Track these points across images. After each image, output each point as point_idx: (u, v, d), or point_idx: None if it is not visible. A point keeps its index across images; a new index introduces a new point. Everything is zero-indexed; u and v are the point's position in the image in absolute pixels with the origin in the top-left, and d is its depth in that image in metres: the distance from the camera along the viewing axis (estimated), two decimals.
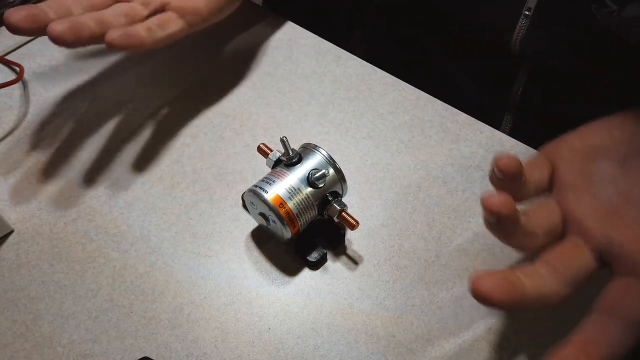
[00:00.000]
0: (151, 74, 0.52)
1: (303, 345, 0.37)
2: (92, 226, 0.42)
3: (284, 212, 0.37)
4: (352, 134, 0.48)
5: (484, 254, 0.41)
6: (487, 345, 0.37)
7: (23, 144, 0.47)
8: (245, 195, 0.39)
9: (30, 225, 0.42)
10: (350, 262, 0.41)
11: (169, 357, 0.36)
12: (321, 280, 0.40)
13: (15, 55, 0.54)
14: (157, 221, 0.43)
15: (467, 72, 0.58)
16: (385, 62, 0.54)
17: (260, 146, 0.42)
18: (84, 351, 0.36)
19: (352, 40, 0.68)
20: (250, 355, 0.36)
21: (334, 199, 0.39)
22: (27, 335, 0.37)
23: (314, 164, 0.39)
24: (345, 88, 0.51)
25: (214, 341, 0.37)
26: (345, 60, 0.53)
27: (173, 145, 0.47)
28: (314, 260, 0.40)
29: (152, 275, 0.40)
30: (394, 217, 0.43)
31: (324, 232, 0.41)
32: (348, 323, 0.38)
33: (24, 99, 0.50)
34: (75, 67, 0.53)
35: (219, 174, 0.45)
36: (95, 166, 0.46)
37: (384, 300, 0.39)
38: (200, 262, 0.41)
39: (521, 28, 0.47)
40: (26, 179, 0.45)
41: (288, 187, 0.38)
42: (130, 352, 0.36)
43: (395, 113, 0.49)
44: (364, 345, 0.37)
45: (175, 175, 0.45)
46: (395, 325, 0.38)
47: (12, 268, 0.40)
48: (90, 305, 0.38)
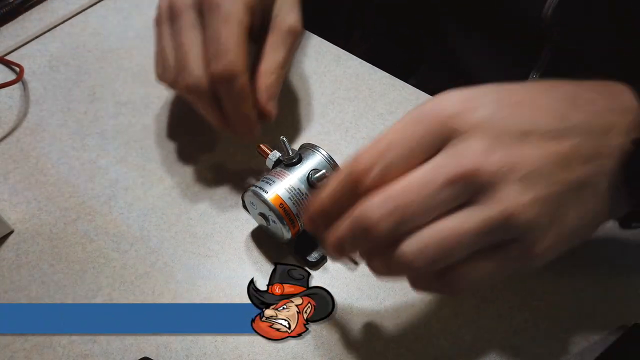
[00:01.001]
0: (151, 74, 0.52)
1: (303, 345, 0.37)
2: (92, 226, 0.42)
3: (284, 212, 0.37)
4: (352, 134, 0.48)
5: None
6: (487, 346, 0.37)
7: (23, 144, 0.47)
8: (246, 196, 0.39)
9: (30, 225, 0.42)
10: (350, 262, 0.41)
11: (169, 357, 0.36)
12: (321, 281, 0.40)
13: (15, 55, 0.54)
14: (157, 221, 0.43)
15: (484, 53, 0.55)
16: (385, 62, 0.54)
17: (260, 146, 0.42)
18: (84, 351, 0.36)
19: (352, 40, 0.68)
20: (250, 356, 0.36)
21: None
22: (27, 335, 0.37)
23: (314, 164, 0.39)
24: (345, 88, 0.51)
25: (213, 341, 0.37)
26: (345, 60, 0.53)
27: (173, 145, 0.47)
28: (314, 260, 0.40)
29: (152, 275, 0.40)
30: None
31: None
32: (348, 323, 0.38)
33: (24, 99, 0.50)
34: (75, 67, 0.53)
35: (219, 174, 0.45)
36: (95, 166, 0.46)
37: (384, 300, 0.39)
38: (200, 262, 0.41)
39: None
40: (26, 179, 0.45)
41: (288, 187, 0.38)
42: (130, 352, 0.36)
43: (395, 113, 0.49)
44: (364, 345, 0.37)
45: (175, 175, 0.45)
46: (395, 325, 0.38)
47: (12, 268, 0.40)
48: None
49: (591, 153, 0.28)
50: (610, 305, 0.39)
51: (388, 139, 0.28)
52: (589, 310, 0.38)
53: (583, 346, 0.37)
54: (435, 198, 0.27)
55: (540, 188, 0.27)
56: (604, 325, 0.38)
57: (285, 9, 0.40)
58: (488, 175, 0.26)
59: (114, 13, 0.57)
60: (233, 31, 0.37)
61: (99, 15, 0.57)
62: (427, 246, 0.27)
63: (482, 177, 0.26)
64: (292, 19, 0.40)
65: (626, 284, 0.39)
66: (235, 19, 0.37)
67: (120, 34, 0.55)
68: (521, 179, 0.27)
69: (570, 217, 0.28)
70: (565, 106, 0.29)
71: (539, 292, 0.39)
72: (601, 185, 0.29)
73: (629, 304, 0.39)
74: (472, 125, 0.27)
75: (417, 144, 0.27)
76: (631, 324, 0.37)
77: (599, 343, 0.37)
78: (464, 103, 0.28)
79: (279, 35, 0.40)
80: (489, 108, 0.28)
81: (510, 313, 0.38)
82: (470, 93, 0.28)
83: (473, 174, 0.26)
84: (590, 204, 0.29)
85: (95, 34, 0.55)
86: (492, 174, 0.26)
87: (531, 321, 0.38)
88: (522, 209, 0.26)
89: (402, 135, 0.27)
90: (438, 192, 0.26)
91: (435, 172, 0.27)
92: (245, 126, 0.40)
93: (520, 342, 0.37)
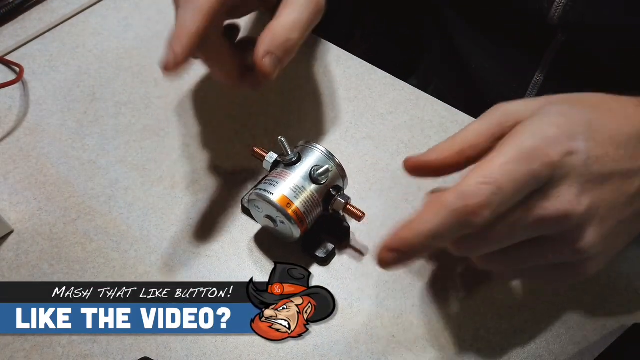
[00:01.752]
0: (151, 73, 0.52)
1: (303, 345, 0.37)
2: (92, 226, 0.42)
3: (292, 211, 0.37)
4: (352, 134, 0.48)
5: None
6: (487, 346, 0.37)
7: (23, 144, 0.47)
8: (250, 199, 0.39)
9: (30, 226, 0.42)
10: (350, 262, 0.41)
11: (169, 357, 0.36)
12: (321, 281, 0.40)
13: (15, 55, 0.54)
14: (157, 221, 0.43)
15: (487, 53, 0.54)
16: (385, 62, 0.54)
17: (254, 150, 0.41)
18: (84, 351, 0.36)
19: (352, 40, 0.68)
20: (250, 356, 0.36)
21: (337, 193, 0.39)
22: (27, 336, 0.37)
23: (315, 161, 0.39)
24: (345, 88, 0.51)
25: (213, 341, 0.37)
26: (345, 60, 0.53)
27: (173, 145, 0.47)
28: (324, 255, 0.40)
29: (152, 275, 0.40)
30: (394, 217, 0.43)
31: (328, 228, 0.41)
32: (348, 323, 0.38)
33: (24, 99, 0.50)
34: (75, 67, 0.53)
35: (219, 174, 0.45)
36: (95, 166, 0.46)
37: (384, 300, 0.39)
38: (200, 262, 0.41)
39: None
40: (26, 179, 0.45)
41: (293, 186, 0.38)
42: (130, 352, 0.36)
43: (395, 113, 0.49)
44: (363, 345, 0.37)
45: (175, 175, 0.45)
46: (395, 325, 0.38)
47: (12, 268, 0.40)
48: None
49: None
50: (610, 305, 0.39)
51: (497, 181, 0.29)
52: (589, 310, 0.38)
53: (583, 346, 0.37)
54: (522, 234, 0.30)
55: (609, 224, 0.31)
56: (604, 325, 0.38)
57: None
58: (577, 217, 0.29)
59: (114, 13, 0.57)
60: (195, 18, 0.34)
61: (99, 15, 0.57)
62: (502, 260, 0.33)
63: (573, 219, 0.29)
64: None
65: (626, 284, 0.40)
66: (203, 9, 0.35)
67: (120, 34, 0.55)
68: (601, 219, 0.30)
69: (620, 243, 0.33)
70: (635, 144, 0.31)
71: (539, 292, 0.39)
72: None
73: (629, 304, 0.39)
74: (570, 169, 0.29)
75: (525, 187, 0.29)
76: (631, 324, 0.37)
77: (599, 343, 0.37)
78: (566, 143, 0.30)
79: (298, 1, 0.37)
80: (584, 152, 0.30)
81: (510, 313, 0.38)
82: (566, 130, 0.30)
83: (566, 217, 0.29)
84: (637, 230, 0.33)
85: (95, 34, 0.55)
86: (580, 216, 0.29)
87: (531, 321, 0.38)
88: (593, 246, 0.30)
89: (511, 179, 0.29)
90: (526, 230, 0.30)
91: (532, 212, 0.29)
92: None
93: (520, 342, 0.37)
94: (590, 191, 0.30)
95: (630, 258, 0.41)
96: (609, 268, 0.40)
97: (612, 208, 0.30)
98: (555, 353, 0.37)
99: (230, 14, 0.40)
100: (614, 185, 0.30)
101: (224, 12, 0.37)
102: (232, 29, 0.43)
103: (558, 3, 0.45)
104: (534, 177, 0.29)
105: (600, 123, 0.31)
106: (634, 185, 0.31)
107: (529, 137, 0.30)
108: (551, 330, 0.37)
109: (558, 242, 0.31)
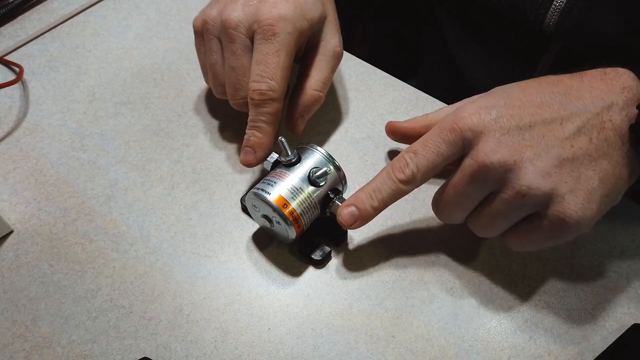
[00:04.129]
0: (150, 74, 0.52)
1: (303, 345, 0.37)
2: (92, 226, 0.42)
3: (288, 212, 0.37)
4: (352, 134, 0.48)
5: (484, 254, 0.41)
6: (487, 346, 0.37)
7: (23, 144, 0.47)
8: (247, 198, 0.39)
9: (30, 226, 0.42)
10: (350, 262, 0.41)
11: (169, 357, 0.36)
12: (321, 281, 0.40)
13: (15, 55, 0.54)
14: (157, 221, 0.43)
15: (483, 58, 0.55)
16: (385, 62, 0.54)
17: None
18: (84, 352, 0.36)
19: (353, 40, 0.68)
20: (250, 356, 0.36)
21: (335, 196, 0.39)
22: (26, 336, 0.37)
23: (314, 163, 0.39)
24: (345, 88, 0.51)
25: (213, 342, 0.37)
26: (345, 60, 0.53)
27: (173, 145, 0.47)
28: (319, 258, 0.40)
29: (152, 275, 0.40)
30: (394, 217, 0.43)
31: (325, 230, 0.41)
32: (348, 323, 0.38)
33: (24, 99, 0.50)
34: (75, 67, 0.53)
35: (219, 174, 0.45)
36: (95, 166, 0.46)
37: (384, 300, 0.39)
38: (200, 262, 0.41)
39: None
40: (26, 179, 0.45)
41: (290, 187, 0.38)
42: (130, 353, 0.36)
43: (395, 113, 0.49)
44: (363, 346, 0.37)
45: (175, 175, 0.45)
46: (395, 325, 0.38)
47: (11, 268, 0.40)
48: (89, 305, 0.38)
49: (595, 128, 0.33)
50: (610, 305, 0.39)
51: (412, 148, 0.36)
52: (589, 310, 0.38)
53: (583, 346, 0.37)
54: (467, 191, 0.35)
55: (547, 162, 0.32)
56: (604, 325, 0.38)
57: (330, 33, 0.44)
58: (498, 166, 0.33)
59: (114, 13, 0.57)
60: (280, 62, 0.40)
61: (99, 15, 0.57)
62: (478, 224, 0.37)
63: (495, 169, 0.33)
64: (336, 43, 0.44)
65: (626, 284, 0.40)
66: (286, 51, 0.40)
67: (120, 34, 0.55)
68: (530, 159, 0.32)
69: (590, 180, 0.33)
70: (564, 98, 0.34)
71: (539, 291, 0.39)
72: (614, 153, 0.33)
73: (629, 304, 0.39)
74: (482, 128, 0.34)
75: (441, 150, 0.35)
76: (631, 324, 0.37)
77: (599, 343, 0.37)
78: (475, 112, 0.34)
79: (324, 57, 0.44)
80: (495, 113, 0.34)
81: (510, 313, 0.38)
82: (481, 103, 0.35)
83: (486, 168, 0.33)
84: (607, 169, 0.33)
85: (95, 34, 0.55)
86: (501, 165, 0.33)
87: (531, 321, 0.38)
88: (534, 183, 0.32)
89: (423, 144, 0.36)
90: (468, 187, 0.34)
91: (463, 172, 0.34)
92: (254, 146, 0.42)
93: (520, 342, 0.37)
94: (507, 141, 0.33)
95: (630, 258, 0.41)
96: (609, 268, 0.40)
97: (546, 149, 0.33)
98: (555, 353, 0.37)
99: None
100: (538, 132, 0.33)
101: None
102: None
103: (553, 11, 0.45)
104: (445, 141, 0.35)
105: (519, 92, 0.35)
106: (567, 128, 0.33)
107: (450, 114, 0.36)
108: (551, 330, 0.37)
109: (501, 191, 0.33)
